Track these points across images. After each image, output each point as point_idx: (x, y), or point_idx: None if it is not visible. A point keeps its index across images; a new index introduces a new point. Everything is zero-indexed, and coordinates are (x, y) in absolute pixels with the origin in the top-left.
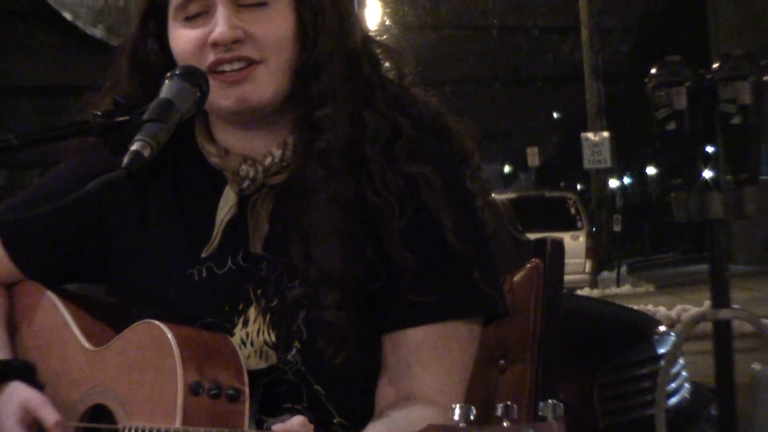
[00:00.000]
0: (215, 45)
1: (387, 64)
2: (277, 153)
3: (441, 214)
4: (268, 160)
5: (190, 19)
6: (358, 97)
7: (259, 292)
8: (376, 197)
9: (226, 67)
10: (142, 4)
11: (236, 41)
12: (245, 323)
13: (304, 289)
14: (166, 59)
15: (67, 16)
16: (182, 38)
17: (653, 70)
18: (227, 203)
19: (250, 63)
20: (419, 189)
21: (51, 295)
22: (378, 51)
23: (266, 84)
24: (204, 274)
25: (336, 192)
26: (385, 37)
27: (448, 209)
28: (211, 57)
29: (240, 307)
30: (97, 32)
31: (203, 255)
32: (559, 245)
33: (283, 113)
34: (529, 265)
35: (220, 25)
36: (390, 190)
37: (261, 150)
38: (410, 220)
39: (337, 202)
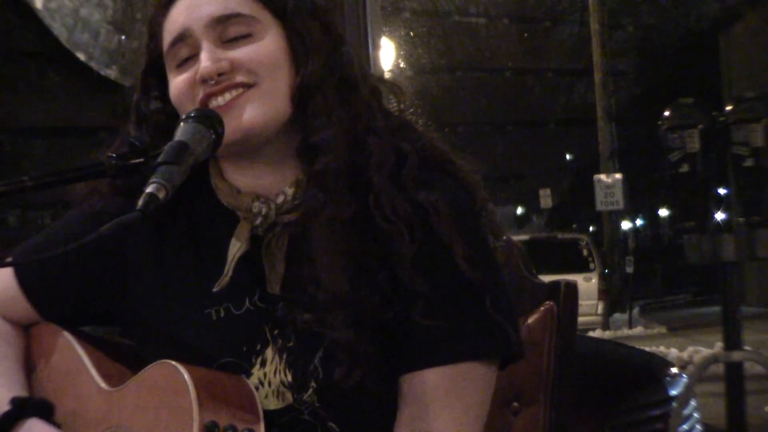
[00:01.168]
0: (203, 81)
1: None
2: (290, 191)
3: (451, 241)
4: (280, 198)
5: (181, 66)
6: (357, 121)
7: (276, 332)
8: (385, 223)
9: (219, 101)
10: (143, 63)
11: (223, 73)
12: (263, 363)
13: (313, 314)
14: (169, 115)
15: (81, 56)
16: (175, 85)
17: (666, 113)
18: (239, 239)
19: (244, 89)
20: (428, 216)
21: (68, 336)
22: (379, 85)
23: (259, 106)
24: (222, 315)
25: (336, 212)
26: (398, 79)
27: (457, 235)
28: (201, 93)
29: (257, 348)
30: (111, 73)
31: (215, 290)
32: (572, 288)
33: (290, 147)
34: (543, 308)
35: (203, 61)
36: (399, 216)
37: (273, 188)
38: (420, 246)
39: (338, 222)
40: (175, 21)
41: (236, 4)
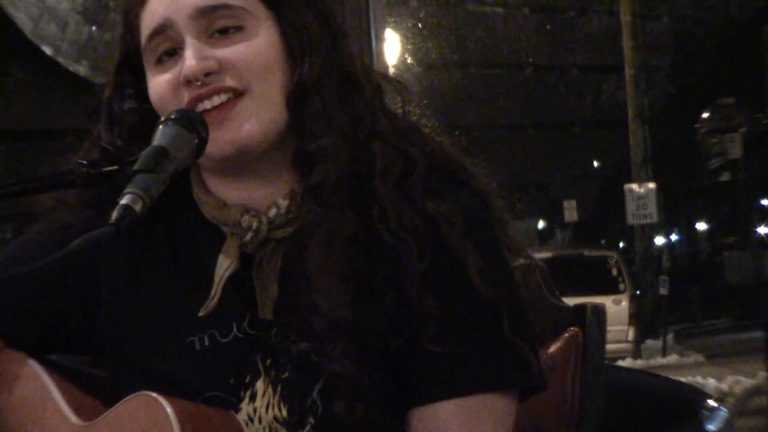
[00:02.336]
0: (188, 82)
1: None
2: (284, 203)
3: (464, 255)
4: (272, 212)
5: (161, 62)
6: (360, 125)
7: (268, 362)
8: (391, 238)
9: (207, 104)
10: (117, 57)
11: (210, 73)
12: (252, 397)
13: (310, 342)
14: (145, 116)
15: (47, 50)
16: (156, 84)
17: (705, 115)
18: (227, 258)
19: (233, 95)
20: (439, 228)
21: (33, 364)
22: (382, 84)
23: (254, 117)
24: (206, 343)
25: (335, 228)
26: (405, 76)
27: (471, 249)
28: (186, 96)
29: (247, 380)
30: (81, 69)
31: (201, 314)
32: (600, 312)
33: (284, 155)
34: (567, 335)
35: (188, 59)
36: (406, 229)
37: (264, 200)
38: (431, 263)
39: (337, 241)
40: (154, 11)
41: None
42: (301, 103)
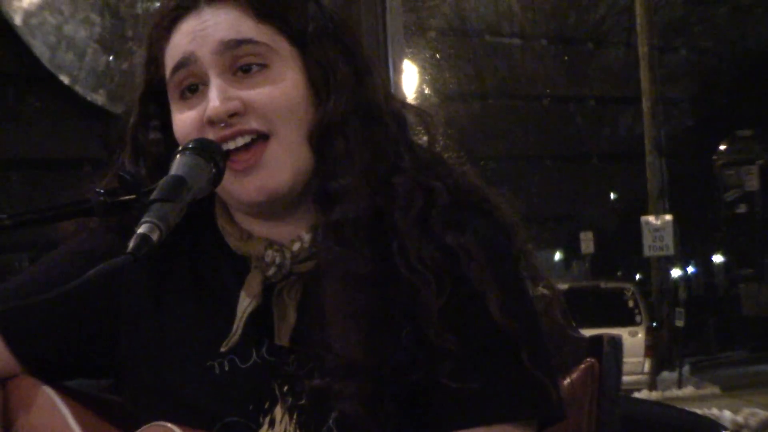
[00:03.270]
0: (212, 123)
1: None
2: (307, 237)
3: (484, 287)
4: (296, 246)
5: (186, 98)
6: (383, 161)
7: (285, 388)
8: (410, 273)
9: (231, 145)
10: (141, 86)
11: (234, 114)
12: (272, 424)
13: (324, 380)
14: (170, 147)
15: (65, 79)
16: (180, 121)
17: (722, 147)
18: (250, 293)
19: (257, 137)
20: (458, 261)
21: (49, 392)
22: (405, 113)
23: (283, 163)
24: (226, 368)
25: (352, 267)
26: (423, 106)
27: (491, 282)
28: (210, 137)
29: (266, 406)
30: (98, 98)
31: (222, 349)
32: (617, 343)
33: (308, 192)
34: (583, 366)
35: (212, 100)
36: (426, 264)
37: (288, 234)
38: (449, 297)
39: (353, 281)
40: (178, 45)
41: (249, 29)
42: (324, 142)
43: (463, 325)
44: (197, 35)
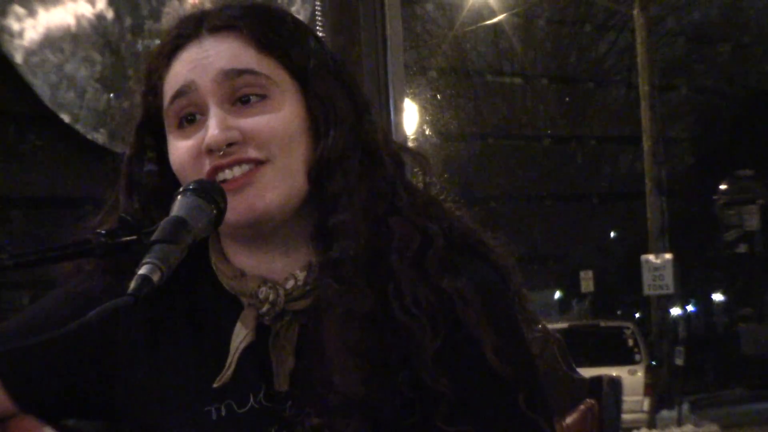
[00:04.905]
0: (210, 151)
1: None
2: (301, 275)
3: (478, 331)
4: (290, 283)
5: (183, 128)
6: (380, 201)
7: None
8: (405, 316)
9: (227, 174)
10: (138, 117)
11: (232, 144)
12: None
13: (323, 418)
14: (165, 180)
15: (65, 118)
16: (177, 150)
17: (722, 186)
18: (243, 330)
19: (255, 165)
20: (453, 305)
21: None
22: (402, 155)
23: (273, 186)
24: (223, 413)
25: (352, 306)
26: (423, 146)
27: (487, 326)
28: (207, 165)
29: None
30: (99, 137)
31: (215, 385)
32: (616, 385)
33: (303, 227)
34: (583, 407)
35: (211, 129)
36: (421, 307)
37: (282, 272)
38: (444, 341)
39: (353, 318)
40: (178, 73)
41: (249, 60)
42: (323, 177)
43: (459, 369)
44: (198, 64)
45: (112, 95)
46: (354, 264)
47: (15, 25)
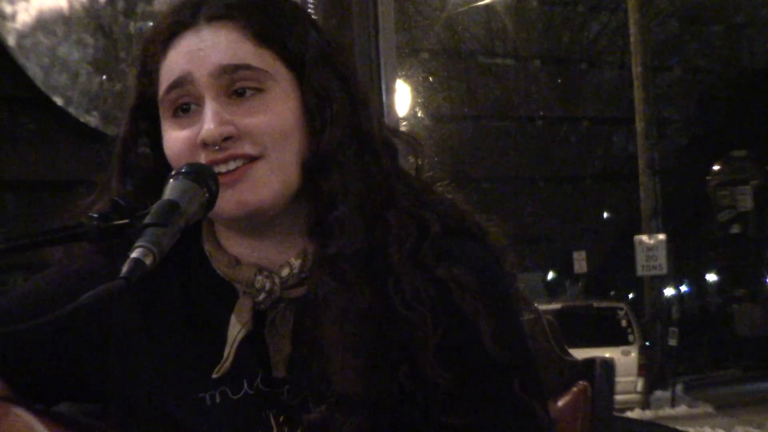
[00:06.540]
0: (205, 145)
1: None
2: (296, 263)
3: (476, 318)
4: (285, 271)
5: (179, 116)
6: (377, 195)
7: (281, 419)
8: (406, 310)
9: (222, 168)
10: (132, 100)
11: (228, 138)
12: None
13: (321, 414)
14: (159, 163)
15: (58, 101)
16: (171, 140)
17: (715, 167)
18: (240, 319)
19: (249, 160)
20: (451, 294)
21: (28, 418)
22: (395, 140)
23: (266, 182)
24: (217, 400)
25: (349, 304)
26: (415, 128)
27: (483, 310)
28: (202, 158)
29: None
30: (92, 120)
31: (214, 376)
32: (609, 367)
33: (297, 216)
34: (575, 389)
35: (207, 122)
36: (421, 301)
37: (277, 259)
38: (444, 332)
39: (352, 315)
40: (175, 63)
41: (246, 54)
42: (318, 173)
43: (458, 360)
44: (195, 55)
45: (104, 77)
46: (351, 261)
47: (7, 8)
